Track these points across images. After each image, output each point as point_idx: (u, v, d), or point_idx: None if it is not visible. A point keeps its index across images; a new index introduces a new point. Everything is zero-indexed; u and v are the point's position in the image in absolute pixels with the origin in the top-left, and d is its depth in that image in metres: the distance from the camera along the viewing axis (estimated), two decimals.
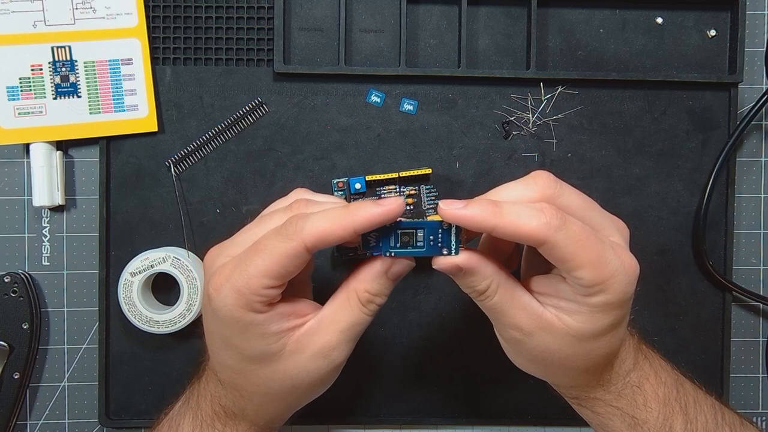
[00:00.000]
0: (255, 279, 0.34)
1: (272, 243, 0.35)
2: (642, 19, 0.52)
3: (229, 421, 0.41)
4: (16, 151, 0.51)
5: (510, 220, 0.34)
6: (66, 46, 0.49)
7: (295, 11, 0.51)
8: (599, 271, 0.34)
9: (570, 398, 0.42)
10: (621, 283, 0.35)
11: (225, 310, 0.35)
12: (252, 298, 0.35)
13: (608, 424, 0.41)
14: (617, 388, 0.40)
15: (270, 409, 0.40)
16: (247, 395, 0.39)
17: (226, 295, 0.35)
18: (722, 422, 0.41)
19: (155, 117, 0.50)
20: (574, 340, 0.37)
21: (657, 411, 0.40)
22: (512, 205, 0.34)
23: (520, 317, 0.37)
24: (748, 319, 0.54)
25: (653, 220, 0.52)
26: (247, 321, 0.35)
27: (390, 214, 0.35)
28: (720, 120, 0.52)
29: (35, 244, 0.51)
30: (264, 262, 0.34)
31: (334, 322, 0.37)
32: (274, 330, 0.36)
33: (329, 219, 0.34)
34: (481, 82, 0.51)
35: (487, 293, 0.37)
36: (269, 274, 0.35)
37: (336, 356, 0.38)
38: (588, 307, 0.35)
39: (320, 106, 0.51)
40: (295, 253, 0.34)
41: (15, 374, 0.50)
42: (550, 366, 0.39)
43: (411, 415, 0.52)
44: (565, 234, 0.34)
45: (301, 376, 0.38)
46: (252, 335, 0.36)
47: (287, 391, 0.39)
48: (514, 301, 0.37)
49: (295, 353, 0.37)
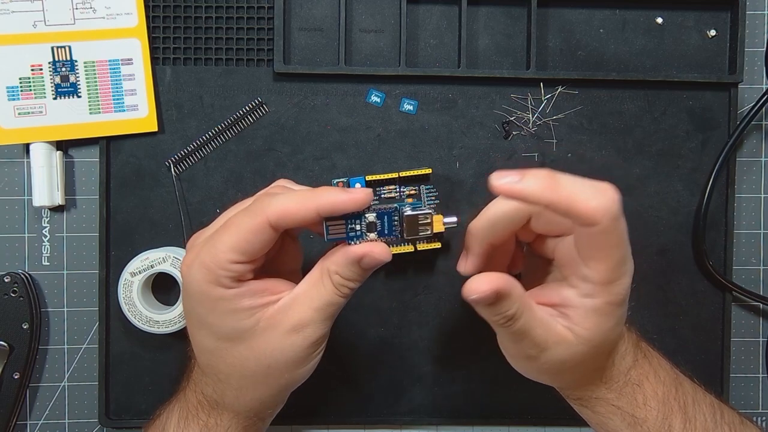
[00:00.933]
0: (222, 254, 0.35)
1: (239, 219, 0.36)
2: (642, 19, 0.52)
3: (212, 411, 0.40)
4: (16, 151, 0.51)
5: (567, 194, 0.32)
6: (66, 46, 0.49)
7: (295, 11, 0.51)
8: (619, 269, 0.34)
9: (572, 399, 0.42)
10: (626, 283, 0.35)
11: (194, 285, 0.36)
12: (219, 273, 0.35)
13: (608, 423, 0.41)
14: (618, 386, 0.40)
15: (249, 393, 0.39)
16: (224, 378, 0.39)
17: (196, 271, 0.36)
18: (721, 421, 0.41)
19: (155, 117, 0.50)
20: (584, 348, 0.37)
21: (656, 410, 0.40)
22: (571, 180, 0.33)
23: (539, 336, 0.36)
24: (748, 319, 0.54)
25: (653, 220, 0.52)
26: (216, 296, 0.36)
27: (355, 203, 0.36)
28: (720, 120, 0.52)
29: (35, 244, 0.51)
30: (230, 237, 0.35)
31: (308, 299, 0.37)
32: (245, 305, 0.36)
33: (294, 198, 0.35)
34: (481, 82, 0.51)
35: (516, 316, 0.36)
36: (235, 249, 0.35)
37: (310, 333, 0.37)
38: (593, 311, 0.35)
39: (320, 106, 0.51)
40: (258, 228, 0.35)
41: (15, 374, 0.50)
42: (560, 374, 0.39)
43: (411, 415, 0.52)
44: (617, 224, 0.33)
45: (275, 355, 0.37)
46: (223, 311, 0.36)
47: (264, 372, 0.38)
48: (535, 321, 0.36)
49: (268, 329, 0.37)
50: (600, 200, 0.32)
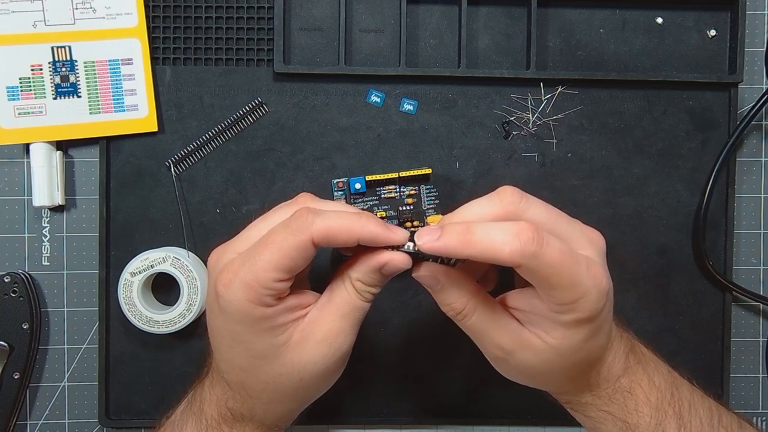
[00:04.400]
0: (264, 273, 0.35)
1: (281, 236, 0.35)
2: (642, 19, 0.52)
3: (236, 424, 0.40)
4: (16, 151, 0.51)
5: (482, 247, 0.33)
6: (66, 46, 0.49)
7: (295, 11, 0.51)
8: (571, 292, 0.34)
9: (563, 403, 0.43)
10: (591, 301, 0.35)
11: (235, 305, 0.35)
12: (262, 292, 0.35)
13: (600, 428, 0.41)
14: (607, 393, 0.40)
15: (278, 407, 0.40)
16: (256, 394, 0.39)
17: (236, 290, 0.35)
18: (718, 425, 0.41)
19: (155, 117, 0.50)
20: (553, 356, 0.37)
21: (649, 416, 0.39)
22: (485, 230, 0.34)
23: (500, 337, 0.37)
24: (748, 319, 0.54)
25: (653, 220, 0.52)
26: (257, 315, 0.36)
27: (391, 243, 0.36)
28: (720, 120, 0.52)
29: (35, 244, 0.51)
30: (273, 255, 0.35)
31: (334, 307, 0.38)
32: (280, 322, 0.37)
33: (340, 219, 0.35)
34: (481, 82, 0.51)
35: (464, 313, 0.37)
36: (278, 268, 0.35)
37: (341, 343, 0.38)
38: (560, 324, 0.36)
39: (320, 106, 0.51)
40: (302, 246, 0.35)
41: (15, 374, 0.50)
42: (535, 377, 0.40)
43: (411, 415, 0.52)
44: (538, 260, 0.33)
45: (308, 368, 0.38)
46: (261, 329, 0.36)
47: (295, 386, 0.38)
48: (493, 322, 0.37)
49: (301, 343, 0.37)
50: (513, 244, 0.33)
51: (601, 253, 0.38)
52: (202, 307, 0.49)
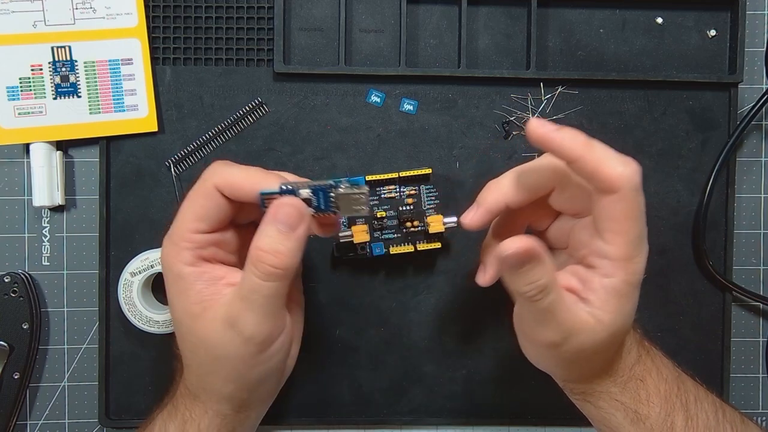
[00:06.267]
0: (180, 224, 0.38)
1: (191, 191, 0.38)
2: (642, 19, 0.52)
3: (187, 401, 0.41)
4: (16, 151, 0.51)
5: (598, 156, 0.34)
6: (66, 46, 0.49)
7: (295, 11, 0.51)
8: (633, 247, 0.35)
9: (576, 394, 0.42)
10: (642, 263, 0.36)
11: (164, 261, 0.38)
12: (181, 245, 0.37)
13: (611, 419, 0.41)
14: (623, 380, 0.40)
15: (209, 382, 0.39)
16: (188, 361, 0.40)
17: (165, 246, 0.38)
18: (723, 419, 0.41)
19: (155, 117, 0.50)
20: (605, 335, 0.37)
21: (659, 407, 0.40)
22: (602, 146, 0.35)
23: (566, 319, 0.36)
24: (748, 319, 0.54)
25: (653, 220, 0.52)
26: (176, 272, 0.37)
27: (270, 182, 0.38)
28: (720, 120, 0.52)
29: (35, 244, 0.51)
30: (185, 208, 0.38)
31: (236, 290, 0.37)
32: (197, 289, 0.37)
33: (245, 170, 0.38)
34: (481, 82, 0.51)
35: (547, 289, 0.35)
36: (190, 217, 0.37)
37: (242, 327, 0.36)
38: (614, 292, 0.36)
39: (320, 106, 0.51)
40: (208, 192, 0.37)
41: (15, 374, 0.50)
42: (575, 364, 0.39)
43: (411, 415, 0.52)
44: (636, 195, 0.34)
45: (219, 348, 0.37)
46: (179, 289, 0.38)
47: (213, 362, 0.38)
48: (563, 301, 0.36)
49: (208, 320, 0.37)
50: (625, 169, 0.34)
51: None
52: None
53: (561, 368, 0.40)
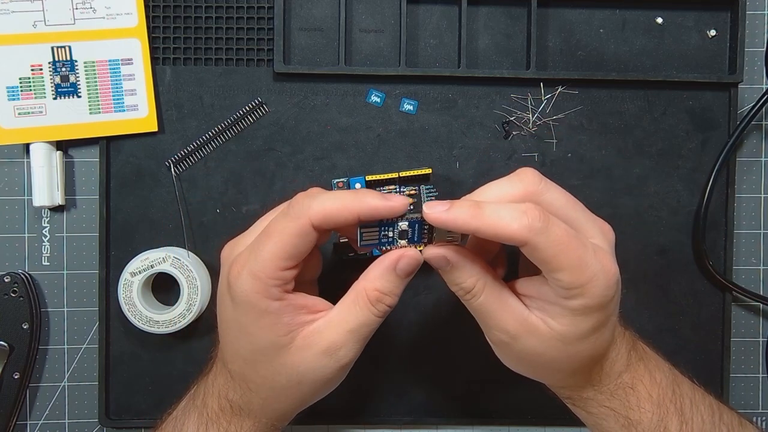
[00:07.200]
0: (269, 262, 0.36)
1: (281, 224, 0.36)
2: (642, 19, 0.52)
3: (234, 418, 0.41)
4: (16, 151, 0.51)
5: (491, 222, 0.34)
6: (66, 46, 0.49)
7: (295, 11, 0.51)
8: (578, 274, 0.34)
9: (564, 398, 0.43)
10: (600, 286, 0.35)
11: (243, 296, 0.36)
12: (268, 282, 0.36)
13: (602, 424, 0.41)
14: (609, 389, 0.40)
15: (275, 404, 0.40)
16: (255, 387, 0.39)
17: (245, 280, 0.36)
18: (719, 423, 0.41)
19: (155, 117, 0.50)
20: (559, 344, 0.37)
21: (651, 412, 0.40)
22: (494, 207, 0.34)
23: (506, 320, 0.37)
24: (748, 319, 0.54)
25: (653, 220, 0.52)
26: (263, 307, 0.36)
27: (393, 211, 0.36)
28: (720, 120, 0.52)
29: (35, 244, 0.51)
30: (275, 244, 0.36)
31: (342, 321, 0.38)
32: (285, 321, 0.37)
33: (336, 199, 0.36)
34: (481, 82, 0.51)
35: (473, 292, 0.37)
36: (282, 256, 0.36)
37: (342, 356, 0.38)
38: (568, 310, 0.36)
39: (320, 106, 0.51)
40: (302, 230, 0.36)
41: (15, 374, 0.50)
42: (537, 367, 0.40)
43: (411, 415, 0.52)
44: (545, 237, 0.34)
45: (307, 373, 0.38)
46: (265, 324, 0.37)
47: (293, 387, 0.39)
48: (501, 303, 0.37)
49: (302, 349, 0.38)
50: (521, 221, 0.34)
51: (610, 245, 0.39)
52: (202, 307, 0.49)
53: (528, 370, 0.40)
